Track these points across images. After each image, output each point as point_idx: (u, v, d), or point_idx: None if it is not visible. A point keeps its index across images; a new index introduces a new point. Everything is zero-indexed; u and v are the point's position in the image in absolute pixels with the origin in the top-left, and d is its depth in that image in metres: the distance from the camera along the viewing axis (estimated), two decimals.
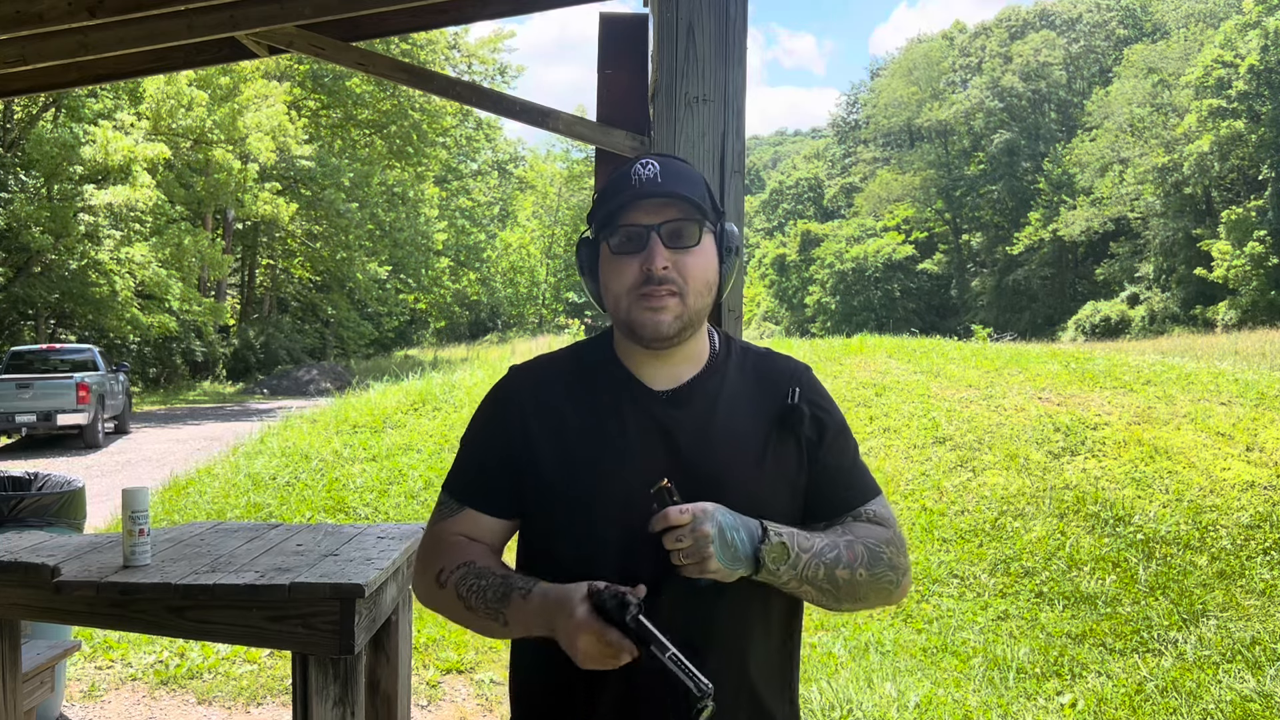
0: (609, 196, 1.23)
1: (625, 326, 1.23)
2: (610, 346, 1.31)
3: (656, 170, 1.21)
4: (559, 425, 1.24)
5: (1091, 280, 45.08)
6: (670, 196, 1.20)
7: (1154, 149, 41.11)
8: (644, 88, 2.66)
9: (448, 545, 1.26)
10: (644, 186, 1.19)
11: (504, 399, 1.30)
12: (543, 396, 1.27)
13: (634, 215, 1.20)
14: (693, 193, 1.21)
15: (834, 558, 1.18)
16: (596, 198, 1.28)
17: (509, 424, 1.27)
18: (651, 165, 1.21)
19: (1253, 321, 33.39)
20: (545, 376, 1.31)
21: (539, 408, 1.26)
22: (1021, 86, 50.55)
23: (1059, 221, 45.25)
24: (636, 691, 1.17)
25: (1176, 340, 28.77)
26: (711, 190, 1.26)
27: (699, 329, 1.26)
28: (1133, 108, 42.75)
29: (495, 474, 1.26)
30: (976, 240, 51.69)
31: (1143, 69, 44.22)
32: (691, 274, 1.20)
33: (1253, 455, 6.25)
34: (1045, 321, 43.91)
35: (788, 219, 60.30)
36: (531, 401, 1.27)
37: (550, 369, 1.32)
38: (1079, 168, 45.90)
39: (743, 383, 1.28)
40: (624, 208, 1.20)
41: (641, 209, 1.20)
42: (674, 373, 1.26)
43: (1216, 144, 38.06)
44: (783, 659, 1.28)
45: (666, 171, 1.21)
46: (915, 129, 55.24)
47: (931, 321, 43.06)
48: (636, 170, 1.22)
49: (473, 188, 39.54)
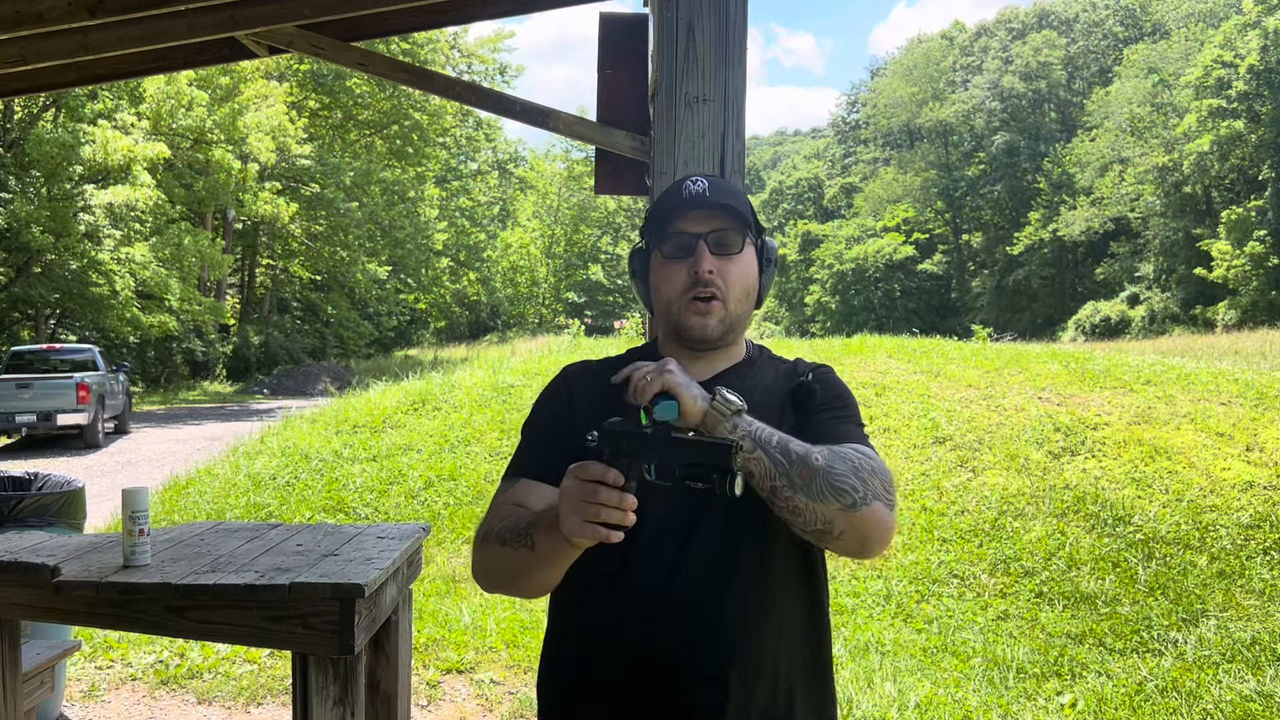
0: (662, 208, 1.37)
1: (673, 328, 1.35)
2: (656, 351, 1.42)
3: (705, 186, 1.34)
4: (601, 409, 1.25)
5: (1091, 280, 45.08)
6: (717, 208, 1.33)
7: (1154, 149, 41.12)
8: (644, 88, 2.66)
9: (498, 510, 1.32)
10: (694, 199, 1.33)
11: (559, 379, 1.42)
12: (591, 382, 1.37)
13: (684, 224, 1.33)
14: (738, 206, 1.34)
15: (788, 436, 1.20)
16: (650, 209, 1.44)
17: (560, 399, 1.38)
18: (701, 181, 1.35)
19: (1253, 321, 33.40)
20: (595, 368, 1.42)
21: (587, 391, 1.36)
22: (1022, 87, 50.55)
23: (1059, 221, 45.25)
24: (655, 660, 1.23)
25: (1176, 340, 28.79)
26: (753, 206, 1.38)
27: (739, 335, 1.39)
28: (1133, 107, 42.75)
29: (544, 442, 1.35)
30: (976, 240, 51.70)
31: (1143, 69, 44.23)
32: (733, 279, 1.33)
33: (1252, 455, 6.25)
34: (1045, 322, 43.91)
35: (788, 219, 60.30)
36: (581, 384, 1.39)
37: (601, 365, 1.42)
38: (1079, 168, 45.91)
39: (770, 379, 1.38)
40: (675, 217, 1.34)
41: (691, 219, 1.33)
42: (712, 372, 1.37)
43: (1216, 144, 38.06)
44: (809, 631, 1.32)
45: (715, 187, 1.35)
46: (915, 129, 55.23)
47: (931, 321, 43.04)
48: (688, 186, 1.35)
49: (473, 187, 39.54)
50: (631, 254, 1.43)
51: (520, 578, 1.24)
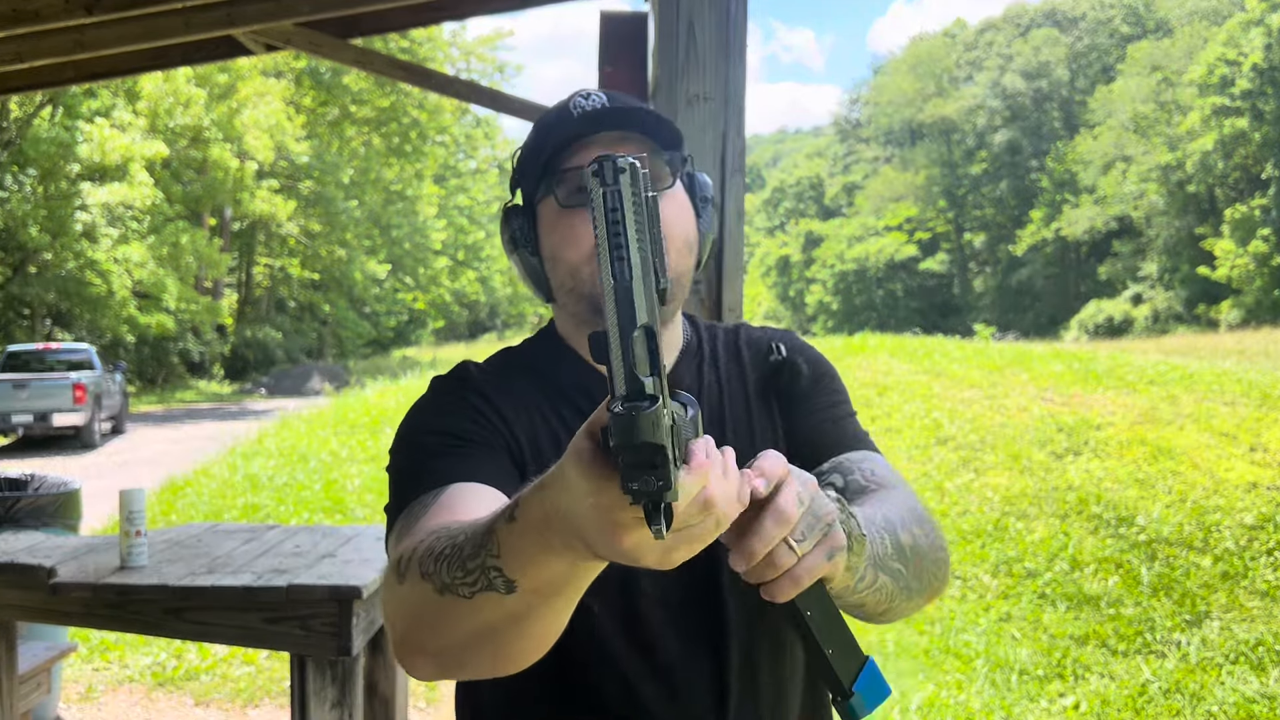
0: (545, 138, 0.94)
1: (589, 303, 0.94)
2: (559, 342, 1.01)
3: (603, 100, 0.93)
4: (528, 424, 0.96)
5: (1095, 279, 45.05)
6: (630, 126, 0.92)
7: (1157, 147, 41.10)
8: (644, 85, 2.64)
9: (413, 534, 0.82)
10: (593, 116, 0.91)
11: (462, 378, 1.00)
12: (505, 385, 0.99)
13: (586, 154, 0.92)
14: (657, 125, 0.93)
15: (886, 519, 0.85)
16: (526, 144, 0.98)
17: (474, 403, 0.96)
18: (596, 96, 0.94)
19: (1256, 321, 33.34)
20: (504, 370, 1.02)
21: (506, 396, 0.97)
22: (1024, 85, 50.54)
23: (1062, 220, 45.24)
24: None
25: (1180, 340, 28.76)
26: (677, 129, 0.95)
27: (678, 307, 0.99)
28: (1136, 105, 42.73)
29: (474, 444, 0.92)
30: (979, 239, 51.69)
31: (1146, 66, 44.20)
32: (668, 226, 0.91)
33: (1256, 456, 6.23)
34: (1048, 321, 43.89)
35: (789, 218, 60.27)
36: (496, 388, 0.98)
37: (507, 363, 1.04)
38: (1082, 166, 45.89)
39: (728, 366, 1.03)
40: (571, 147, 0.92)
41: (595, 145, 0.91)
42: None
43: (1220, 142, 38.04)
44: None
45: (616, 100, 0.93)
46: (917, 127, 55.20)
47: (934, 321, 43.02)
48: (578, 102, 0.94)
49: (471, 186, 39.52)
50: (504, 215, 0.99)
51: (477, 641, 0.71)
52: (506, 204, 1.00)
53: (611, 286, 0.52)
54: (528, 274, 0.99)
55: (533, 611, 0.67)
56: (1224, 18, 42.70)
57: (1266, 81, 37.25)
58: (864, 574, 0.77)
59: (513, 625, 0.69)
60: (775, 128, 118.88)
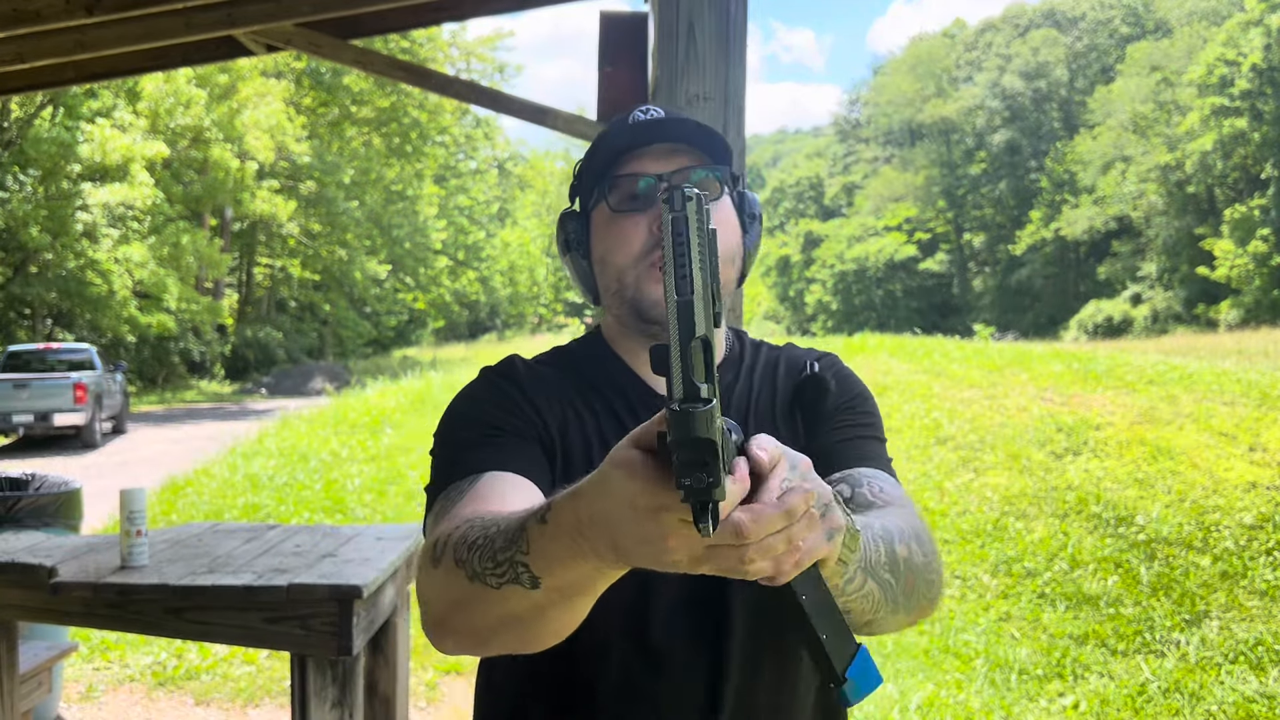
0: (604, 146, 0.99)
1: (631, 306, 0.99)
2: (604, 344, 1.06)
3: (659, 113, 0.99)
4: (560, 414, 1.01)
5: (1094, 279, 45.07)
6: (682, 140, 0.98)
7: (1156, 147, 41.11)
8: (644, 85, 2.65)
9: (449, 518, 0.88)
10: (649, 128, 0.97)
11: (504, 372, 1.04)
12: (542, 378, 1.04)
13: (638, 164, 0.97)
14: (709, 140, 0.98)
15: (884, 527, 0.87)
16: (587, 154, 1.02)
17: (514, 396, 1.01)
18: (655, 110, 1.00)
19: (1256, 321, 33.37)
20: (546, 364, 1.07)
21: (541, 387, 1.02)
22: (1023, 85, 50.54)
23: (1061, 220, 45.26)
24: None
25: (1179, 340, 28.76)
26: (728, 145, 1.01)
27: (721, 319, 1.00)
28: (1135, 105, 42.74)
29: (509, 434, 0.97)
30: (979, 239, 51.69)
31: (1145, 67, 44.21)
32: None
33: (1256, 455, 6.23)
34: (1048, 321, 43.90)
35: (789, 218, 60.28)
36: (532, 381, 1.02)
37: (551, 359, 1.09)
38: (1081, 166, 45.90)
39: (763, 379, 1.07)
40: (624, 157, 0.98)
41: (648, 156, 0.97)
42: None
43: (1219, 142, 38.06)
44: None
45: (672, 113, 1.00)
46: (917, 127, 55.21)
47: (933, 321, 43.04)
48: (637, 115, 0.99)
49: (472, 186, 39.52)
50: (561, 220, 1.05)
51: (507, 626, 0.77)
52: (565, 209, 1.06)
53: (675, 300, 0.57)
54: (578, 277, 1.05)
55: (555, 606, 0.74)
56: (1223, 18, 42.71)
57: (1266, 82, 37.26)
58: (853, 576, 0.79)
59: (537, 615, 0.75)
60: (775, 128, 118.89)
